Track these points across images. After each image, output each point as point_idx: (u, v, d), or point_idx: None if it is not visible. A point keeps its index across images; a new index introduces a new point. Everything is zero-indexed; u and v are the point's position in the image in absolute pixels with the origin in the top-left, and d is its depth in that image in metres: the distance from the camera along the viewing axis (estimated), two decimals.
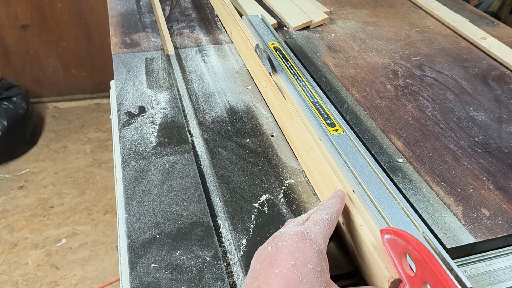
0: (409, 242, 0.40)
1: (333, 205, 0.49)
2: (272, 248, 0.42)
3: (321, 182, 0.59)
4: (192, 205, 0.56)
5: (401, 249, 0.41)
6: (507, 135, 0.73)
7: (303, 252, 0.40)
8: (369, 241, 0.46)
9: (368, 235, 0.47)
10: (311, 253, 0.41)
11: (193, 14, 1.09)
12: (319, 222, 0.45)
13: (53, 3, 1.94)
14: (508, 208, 0.59)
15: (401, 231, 0.42)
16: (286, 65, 0.78)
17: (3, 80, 1.92)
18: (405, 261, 0.42)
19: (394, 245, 0.42)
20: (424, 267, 0.38)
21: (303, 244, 0.41)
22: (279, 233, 0.44)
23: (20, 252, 1.51)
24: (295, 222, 0.48)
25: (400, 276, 0.42)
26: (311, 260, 0.40)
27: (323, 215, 0.46)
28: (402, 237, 0.41)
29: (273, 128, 0.72)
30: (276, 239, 0.43)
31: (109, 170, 1.86)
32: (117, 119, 0.71)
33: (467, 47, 1.01)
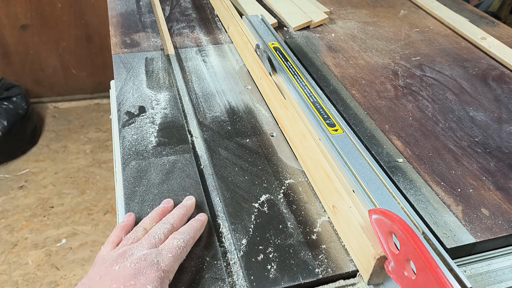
0: (394, 221, 0.42)
1: (191, 230, 0.50)
2: (119, 268, 0.44)
3: (312, 168, 0.60)
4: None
5: (387, 229, 0.44)
6: (507, 135, 0.73)
7: (146, 276, 0.43)
8: (358, 221, 0.48)
9: (356, 216, 0.49)
10: (154, 278, 0.43)
11: (193, 14, 1.09)
12: (173, 250, 0.47)
13: (53, 3, 1.93)
14: (508, 208, 0.59)
15: (387, 211, 0.44)
16: (286, 65, 0.78)
17: (3, 80, 1.92)
18: (391, 239, 0.44)
19: (381, 225, 0.44)
20: (407, 245, 0.41)
21: (150, 270, 0.44)
22: (131, 253, 0.45)
23: (20, 252, 1.51)
24: (152, 240, 0.48)
25: (386, 254, 0.44)
26: (152, 283, 0.42)
27: (179, 242, 0.48)
28: (388, 217, 0.43)
29: (273, 128, 0.72)
30: (127, 261, 0.44)
31: (109, 170, 1.86)
32: (117, 119, 0.71)
33: (467, 47, 1.01)
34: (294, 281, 0.48)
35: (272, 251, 0.51)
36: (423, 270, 0.39)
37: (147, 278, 0.43)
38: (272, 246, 0.52)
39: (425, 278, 0.39)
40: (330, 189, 0.55)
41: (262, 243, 0.52)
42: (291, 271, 0.49)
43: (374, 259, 0.45)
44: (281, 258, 0.50)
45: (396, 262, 0.43)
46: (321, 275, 0.49)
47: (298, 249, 0.52)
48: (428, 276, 0.39)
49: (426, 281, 0.39)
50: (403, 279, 0.42)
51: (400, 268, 0.43)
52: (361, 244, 0.48)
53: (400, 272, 0.43)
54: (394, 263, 0.43)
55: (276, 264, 0.50)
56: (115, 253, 0.46)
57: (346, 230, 0.52)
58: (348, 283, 0.50)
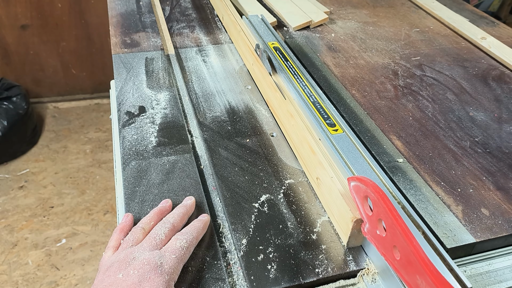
0: (368, 185, 0.47)
1: (194, 231, 0.50)
2: (123, 276, 0.43)
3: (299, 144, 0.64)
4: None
5: (362, 194, 0.48)
6: (507, 135, 0.73)
7: (151, 282, 0.42)
8: (338, 190, 0.53)
9: (337, 185, 0.53)
10: (159, 283, 0.43)
11: (193, 14, 1.09)
12: (176, 251, 0.46)
13: (53, 3, 1.93)
14: (508, 208, 0.59)
15: (363, 177, 0.49)
16: (286, 65, 0.78)
17: (3, 80, 1.92)
18: (366, 204, 0.48)
19: (358, 191, 0.49)
20: (378, 206, 0.45)
21: (154, 274, 0.43)
22: (132, 257, 0.45)
23: (20, 252, 1.51)
24: (153, 241, 0.48)
25: (362, 216, 0.49)
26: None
27: (182, 243, 0.48)
28: (363, 182, 0.48)
29: (273, 128, 0.72)
30: (129, 267, 0.44)
31: (109, 170, 1.86)
32: (117, 119, 0.71)
33: (467, 47, 1.01)
34: (294, 281, 0.48)
35: (272, 251, 0.51)
36: (391, 226, 0.43)
37: (152, 284, 0.42)
38: (272, 246, 0.52)
39: (393, 234, 0.43)
40: (314, 162, 0.59)
41: (262, 243, 0.52)
42: (291, 271, 0.49)
43: (352, 221, 0.50)
44: (281, 258, 0.50)
45: (370, 223, 0.48)
46: (321, 275, 0.49)
47: (298, 249, 0.52)
48: (395, 231, 0.43)
49: (394, 236, 0.43)
50: (376, 237, 0.47)
51: (374, 228, 0.47)
52: (341, 210, 0.52)
53: (373, 232, 0.47)
54: (368, 224, 0.48)
55: (276, 264, 0.50)
56: (116, 258, 0.46)
57: (328, 199, 0.56)
58: (348, 283, 0.50)
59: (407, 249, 0.41)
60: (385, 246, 0.45)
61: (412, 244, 0.40)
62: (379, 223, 0.46)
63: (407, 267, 0.42)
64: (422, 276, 0.39)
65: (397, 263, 0.44)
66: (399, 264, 0.43)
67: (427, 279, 0.38)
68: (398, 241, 0.42)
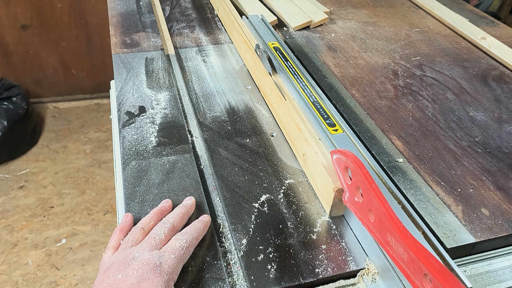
0: (347, 156, 0.51)
1: (194, 231, 0.50)
2: (122, 276, 0.43)
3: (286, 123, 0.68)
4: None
5: (343, 165, 0.52)
6: (507, 135, 0.73)
7: (150, 282, 0.42)
8: (322, 163, 0.57)
9: (321, 159, 0.57)
10: (158, 283, 0.43)
11: (193, 14, 1.09)
12: (176, 251, 0.46)
13: (53, 3, 1.93)
14: (508, 208, 0.59)
15: (344, 150, 0.53)
16: (286, 65, 0.78)
17: (3, 80, 1.92)
18: (346, 174, 0.52)
19: (339, 163, 0.53)
20: (356, 174, 0.49)
21: (153, 274, 0.43)
22: (132, 257, 0.45)
23: (20, 252, 1.51)
24: (153, 241, 0.48)
25: (342, 186, 0.53)
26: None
27: (182, 243, 0.47)
28: (344, 154, 0.52)
29: (273, 128, 0.72)
30: (129, 268, 0.44)
31: (109, 170, 1.86)
32: (117, 119, 0.71)
33: (467, 47, 1.01)
34: (294, 281, 0.48)
35: (272, 251, 0.51)
36: (367, 192, 0.47)
37: (151, 284, 0.42)
38: (272, 246, 0.52)
39: (368, 199, 0.47)
40: (300, 139, 0.63)
41: (262, 243, 0.52)
42: (291, 271, 0.49)
43: (333, 191, 0.54)
44: (281, 258, 0.50)
45: (350, 191, 0.52)
46: (321, 275, 0.49)
47: (298, 249, 0.52)
48: (370, 196, 0.47)
49: (369, 201, 0.47)
50: (354, 204, 0.51)
51: (352, 196, 0.51)
52: (324, 182, 0.56)
53: (352, 199, 0.51)
54: (348, 193, 0.52)
55: (276, 264, 0.50)
56: (116, 258, 0.46)
57: (313, 173, 0.60)
58: (348, 283, 0.50)
59: (379, 211, 0.46)
60: (362, 211, 0.49)
61: (383, 205, 0.45)
62: (357, 191, 0.50)
63: (380, 227, 0.46)
64: (391, 233, 0.44)
65: (371, 225, 0.48)
66: (373, 225, 0.47)
67: (395, 235, 0.43)
68: (373, 204, 0.47)
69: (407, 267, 0.42)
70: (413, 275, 0.41)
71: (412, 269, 0.41)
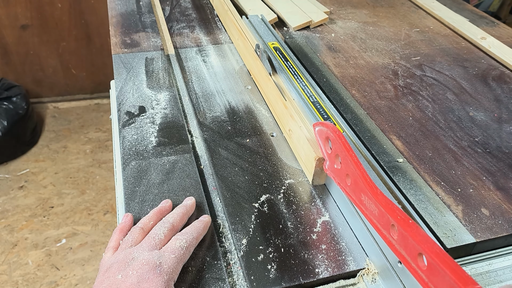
0: (328, 127, 0.55)
1: (194, 231, 0.50)
2: (122, 276, 0.43)
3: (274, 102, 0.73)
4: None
5: (324, 135, 0.56)
6: (507, 135, 0.73)
7: (150, 282, 0.42)
8: (305, 136, 0.61)
9: (304, 132, 0.62)
10: (158, 283, 0.42)
11: (193, 14, 1.09)
12: (176, 251, 0.46)
13: (53, 3, 1.93)
14: (508, 208, 0.59)
15: (326, 122, 0.57)
16: (286, 65, 0.78)
17: (3, 80, 1.92)
18: (327, 144, 0.56)
19: (321, 134, 0.57)
20: (336, 143, 0.53)
21: (153, 275, 0.43)
22: (131, 257, 0.45)
23: (20, 252, 1.51)
24: (152, 241, 0.48)
25: (323, 155, 0.58)
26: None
27: (182, 243, 0.47)
28: (325, 125, 0.56)
29: (273, 128, 0.72)
30: (128, 268, 0.44)
31: (109, 170, 1.86)
32: (117, 119, 0.71)
33: (467, 47, 1.01)
34: (294, 281, 0.48)
35: (272, 251, 0.51)
36: (345, 158, 0.52)
37: (151, 284, 0.42)
38: (272, 246, 0.52)
39: (346, 164, 0.52)
40: (286, 116, 0.67)
41: (262, 243, 0.52)
42: (291, 271, 0.49)
43: (315, 160, 0.58)
44: (281, 258, 0.50)
45: (330, 160, 0.56)
46: (321, 275, 0.49)
47: (298, 249, 0.52)
48: (347, 161, 0.51)
49: (346, 166, 0.52)
50: (334, 171, 0.56)
51: (332, 163, 0.56)
52: (307, 153, 0.61)
53: (332, 167, 0.56)
54: (329, 161, 0.57)
55: (276, 264, 0.50)
56: (115, 259, 0.46)
57: (297, 146, 0.64)
58: (348, 283, 0.50)
59: (355, 174, 0.50)
60: (340, 177, 0.54)
61: (358, 168, 0.50)
62: (337, 159, 0.54)
63: (355, 189, 0.50)
64: (364, 192, 0.48)
65: (348, 188, 0.52)
66: (350, 188, 0.52)
67: (368, 194, 0.47)
68: (350, 169, 0.51)
69: (377, 221, 0.46)
70: (382, 228, 0.45)
71: (382, 222, 0.45)
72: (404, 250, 0.41)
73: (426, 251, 0.38)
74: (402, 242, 0.42)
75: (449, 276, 0.36)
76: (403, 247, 0.42)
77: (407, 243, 0.41)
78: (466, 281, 0.35)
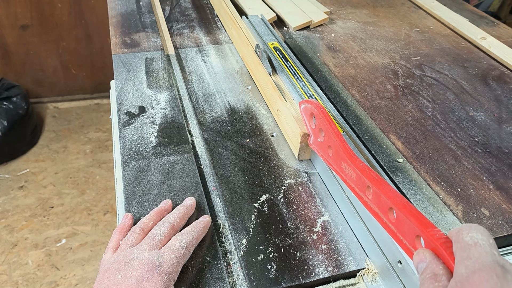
0: (312, 104, 0.60)
1: (194, 231, 0.50)
2: (122, 277, 0.43)
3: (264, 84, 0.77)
4: None
5: (309, 112, 0.61)
6: (507, 135, 0.73)
7: (149, 282, 0.42)
8: (292, 114, 0.65)
9: (291, 110, 0.67)
10: (157, 283, 0.42)
11: (193, 14, 1.09)
12: (175, 251, 0.46)
13: (53, 3, 1.93)
14: (508, 208, 0.59)
15: (310, 99, 0.63)
16: (286, 65, 0.78)
17: (3, 80, 1.92)
18: (312, 120, 0.60)
19: (306, 110, 0.61)
20: (319, 117, 0.58)
21: (153, 275, 0.43)
22: (131, 257, 0.45)
23: (20, 252, 1.51)
24: (152, 241, 0.48)
25: (308, 131, 0.62)
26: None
27: (181, 243, 0.47)
28: (310, 103, 0.61)
29: (273, 128, 0.72)
30: (128, 268, 0.44)
31: (109, 170, 1.86)
32: (117, 119, 0.71)
33: (467, 47, 1.01)
34: (294, 281, 0.48)
35: (272, 251, 0.51)
36: (327, 131, 0.56)
37: (150, 284, 0.42)
38: (272, 246, 0.52)
39: (328, 136, 0.56)
40: (275, 97, 0.71)
41: (262, 243, 0.52)
42: (291, 271, 0.49)
43: (300, 135, 0.62)
44: (281, 258, 0.50)
45: (314, 135, 0.60)
46: (321, 275, 0.49)
47: (298, 249, 0.52)
48: (329, 134, 0.56)
49: (328, 138, 0.56)
50: (317, 144, 0.60)
51: (316, 138, 0.60)
52: (293, 130, 0.65)
53: (316, 141, 0.60)
54: (313, 136, 0.61)
55: (276, 264, 0.50)
56: (115, 259, 0.46)
57: (285, 124, 0.68)
58: (348, 283, 0.50)
59: (336, 144, 0.54)
60: (323, 149, 0.58)
61: (338, 138, 0.54)
62: (320, 133, 0.58)
63: (336, 158, 0.54)
64: (344, 160, 0.52)
65: (330, 159, 0.56)
66: (332, 159, 0.56)
67: (346, 161, 0.52)
68: (331, 140, 0.55)
69: (355, 185, 0.50)
70: (359, 190, 0.50)
71: (359, 185, 0.50)
72: (378, 207, 0.46)
73: (395, 204, 0.43)
74: (376, 200, 0.46)
75: (413, 222, 0.40)
76: (376, 204, 0.46)
77: (380, 200, 0.46)
78: (426, 225, 0.39)
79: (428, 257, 0.37)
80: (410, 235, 0.41)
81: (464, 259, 0.33)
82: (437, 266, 0.35)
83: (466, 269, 0.32)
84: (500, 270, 0.31)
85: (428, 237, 0.38)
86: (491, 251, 0.33)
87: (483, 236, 0.34)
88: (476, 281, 0.30)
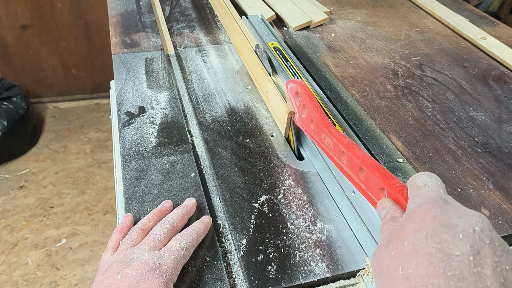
0: (296, 83, 0.64)
1: (195, 232, 0.50)
2: (121, 277, 0.43)
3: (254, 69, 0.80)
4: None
5: (294, 91, 0.65)
6: (507, 135, 0.73)
7: (149, 283, 0.42)
8: (279, 95, 0.69)
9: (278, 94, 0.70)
10: (157, 284, 0.42)
11: (193, 14, 1.09)
12: (175, 252, 0.46)
13: (53, 3, 1.93)
14: (508, 208, 0.59)
15: (296, 79, 0.67)
16: (286, 65, 0.78)
17: (3, 80, 1.92)
18: (297, 99, 0.65)
19: (292, 90, 0.65)
20: (302, 95, 0.62)
21: (152, 275, 0.43)
22: (131, 258, 0.45)
23: (20, 252, 1.51)
24: (152, 241, 0.48)
25: (294, 109, 0.65)
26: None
27: (182, 244, 0.47)
28: (295, 82, 0.65)
29: (273, 128, 0.72)
30: (128, 268, 0.44)
31: (109, 170, 1.86)
32: (117, 119, 0.71)
33: (467, 47, 1.01)
34: (294, 281, 0.48)
35: (272, 251, 0.51)
36: (309, 106, 0.60)
37: (150, 285, 0.42)
38: (272, 246, 0.52)
39: (310, 112, 0.60)
40: (265, 80, 0.75)
41: (262, 243, 0.52)
42: (291, 271, 0.49)
43: (287, 113, 0.66)
44: (281, 258, 0.50)
45: (299, 112, 0.64)
46: (321, 275, 0.49)
47: (298, 249, 0.52)
48: (311, 108, 0.60)
49: (310, 113, 0.60)
50: (301, 120, 0.64)
51: (300, 114, 0.64)
52: (280, 109, 0.68)
53: (300, 117, 0.64)
54: (298, 114, 0.65)
55: (276, 264, 0.50)
56: (115, 259, 0.46)
57: (273, 105, 0.72)
58: (348, 283, 0.50)
59: (316, 117, 0.58)
60: (307, 124, 0.62)
61: (317, 110, 0.58)
62: (304, 109, 0.62)
63: (317, 131, 0.58)
64: (323, 131, 0.56)
65: (312, 132, 0.60)
66: (313, 132, 0.60)
67: (325, 131, 0.56)
68: (312, 115, 0.59)
69: (333, 153, 0.55)
70: (336, 157, 0.54)
71: (335, 152, 0.54)
72: (350, 170, 0.51)
73: (363, 163, 0.48)
74: (349, 164, 0.51)
75: (377, 177, 0.45)
76: (349, 167, 0.51)
77: (352, 163, 0.50)
78: (388, 178, 0.44)
79: (388, 204, 0.42)
80: (376, 189, 0.46)
81: (414, 197, 0.37)
82: (395, 210, 0.41)
83: (414, 204, 0.36)
84: (442, 202, 0.35)
85: (389, 187, 0.43)
86: (437, 190, 0.37)
87: (432, 179, 0.38)
88: (421, 212, 0.35)
